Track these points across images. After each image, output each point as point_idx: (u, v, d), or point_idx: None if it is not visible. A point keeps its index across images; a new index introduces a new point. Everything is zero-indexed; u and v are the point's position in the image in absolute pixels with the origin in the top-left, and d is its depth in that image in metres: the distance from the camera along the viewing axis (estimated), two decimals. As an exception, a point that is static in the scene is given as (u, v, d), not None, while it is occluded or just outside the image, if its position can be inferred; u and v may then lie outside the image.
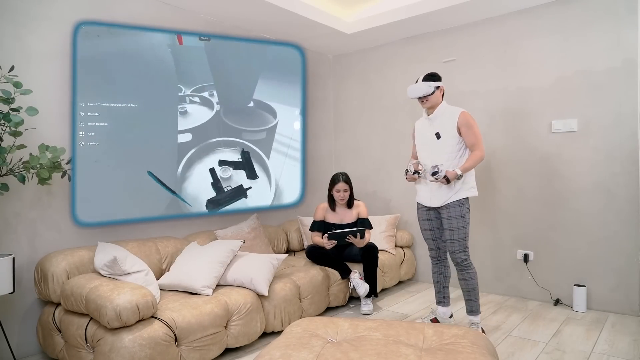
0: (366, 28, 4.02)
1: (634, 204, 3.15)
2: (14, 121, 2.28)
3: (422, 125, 2.94)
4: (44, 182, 2.39)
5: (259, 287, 2.73)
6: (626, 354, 2.55)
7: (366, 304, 3.33)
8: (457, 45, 3.96)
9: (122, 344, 2.06)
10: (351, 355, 1.61)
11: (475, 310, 2.81)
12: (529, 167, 3.59)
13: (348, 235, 3.31)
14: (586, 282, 3.36)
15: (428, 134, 2.87)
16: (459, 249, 2.76)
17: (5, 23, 2.54)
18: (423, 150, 2.91)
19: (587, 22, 3.30)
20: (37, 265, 2.54)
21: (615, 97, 3.21)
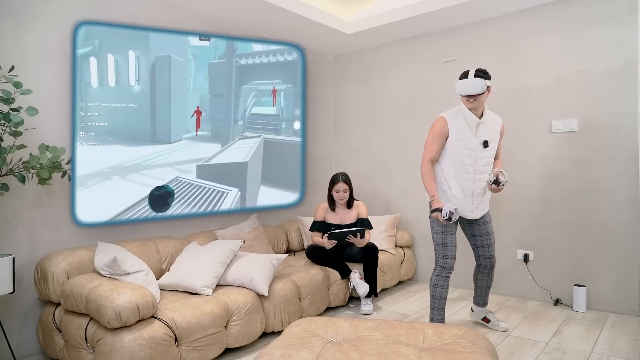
0: (366, 28, 4.02)
1: (634, 204, 3.15)
2: (14, 121, 2.28)
3: (460, 127, 2.59)
4: (44, 182, 2.39)
5: (259, 287, 2.73)
6: (626, 354, 2.55)
7: (366, 304, 3.33)
8: (457, 45, 3.96)
9: (122, 344, 2.06)
10: (351, 355, 1.61)
11: (487, 301, 3.03)
12: (529, 167, 3.59)
13: (348, 235, 3.31)
14: (586, 282, 3.36)
15: (471, 137, 2.58)
16: (493, 252, 2.79)
17: (5, 23, 2.54)
18: (464, 155, 2.60)
19: (587, 22, 3.30)
20: (37, 265, 2.54)
21: (615, 97, 3.21)
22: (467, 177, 2.62)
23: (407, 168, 4.31)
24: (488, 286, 2.90)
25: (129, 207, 3.07)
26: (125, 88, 3.07)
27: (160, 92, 3.27)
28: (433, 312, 2.65)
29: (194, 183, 3.43)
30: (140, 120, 3.16)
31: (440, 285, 2.62)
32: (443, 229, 2.64)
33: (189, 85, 3.46)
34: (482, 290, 2.91)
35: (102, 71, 2.95)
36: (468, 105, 2.56)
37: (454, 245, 2.64)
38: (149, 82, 3.20)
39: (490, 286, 2.91)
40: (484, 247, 2.78)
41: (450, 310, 3.37)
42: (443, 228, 2.64)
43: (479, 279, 2.88)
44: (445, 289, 2.63)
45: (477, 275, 2.89)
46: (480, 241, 2.78)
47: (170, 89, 3.33)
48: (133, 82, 3.11)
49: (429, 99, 4.15)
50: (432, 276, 2.67)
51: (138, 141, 3.15)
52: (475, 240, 2.79)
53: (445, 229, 2.64)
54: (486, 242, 2.77)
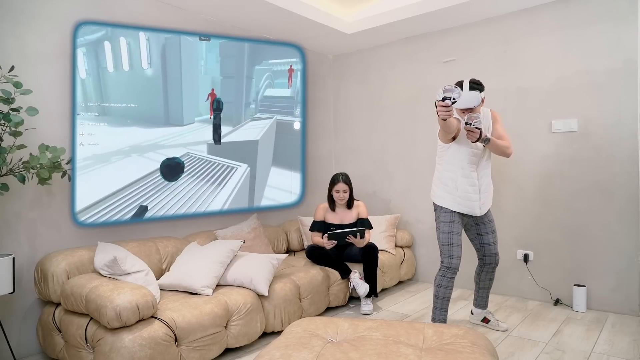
0: (366, 28, 4.02)
1: (634, 204, 3.15)
2: (14, 121, 2.28)
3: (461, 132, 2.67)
4: (44, 182, 2.39)
5: (259, 287, 2.73)
6: (626, 354, 2.55)
7: (366, 304, 3.33)
8: (457, 45, 3.96)
9: (122, 344, 2.06)
10: (351, 355, 1.61)
11: (488, 303, 3.10)
12: (529, 167, 3.59)
13: (348, 235, 3.31)
14: (586, 282, 3.36)
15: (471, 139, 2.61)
16: (498, 250, 2.81)
17: (5, 23, 2.54)
18: (469, 154, 2.64)
19: (587, 22, 3.30)
20: (37, 265, 2.54)
21: (615, 97, 3.21)
22: (473, 174, 2.65)
23: (407, 168, 4.32)
24: (490, 286, 2.94)
25: (143, 177, 3.13)
26: (138, 71, 3.12)
27: (172, 75, 3.32)
28: (435, 312, 2.66)
29: (203, 158, 3.47)
30: (154, 104, 3.21)
31: (444, 285, 2.62)
32: (449, 229, 2.64)
33: (200, 68, 3.51)
34: (484, 290, 2.94)
35: (116, 55, 3.00)
36: (463, 116, 2.62)
37: (459, 246, 2.63)
38: (160, 65, 3.25)
39: (491, 286, 2.96)
40: (489, 246, 2.80)
41: (450, 310, 3.37)
42: (449, 228, 2.64)
43: (482, 278, 2.90)
44: (449, 289, 2.63)
45: (480, 275, 2.90)
46: (487, 240, 2.80)
47: (181, 71, 3.37)
48: (145, 66, 3.15)
49: (429, 99, 4.15)
50: (436, 276, 2.67)
51: (152, 123, 3.21)
52: (482, 240, 2.81)
53: (451, 229, 2.64)
54: (492, 241, 2.80)
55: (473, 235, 2.85)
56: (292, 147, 4.24)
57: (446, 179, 2.69)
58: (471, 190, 2.65)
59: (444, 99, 2.23)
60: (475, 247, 2.86)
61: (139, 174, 3.12)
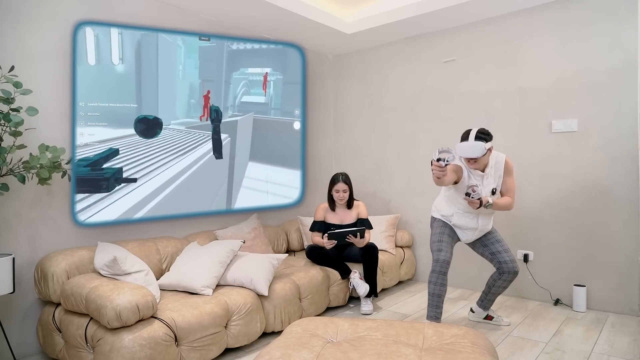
0: (366, 28, 4.02)
1: (634, 204, 3.15)
2: (14, 121, 2.28)
3: (469, 172, 2.69)
4: (44, 182, 2.39)
5: (259, 287, 2.73)
6: (626, 354, 2.55)
7: (366, 304, 3.33)
8: (457, 45, 3.96)
9: (122, 344, 2.06)
10: (351, 355, 1.61)
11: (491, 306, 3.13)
12: (529, 167, 3.59)
13: (348, 235, 3.31)
14: (586, 282, 3.36)
15: (479, 184, 2.68)
16: (513, 257, 2.79)
17: (5, 23, 2.54)
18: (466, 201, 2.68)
19: (587, 22, 3.30)
20: (37, 265, 2.54)
21: (615, 97, 3.21)
22: (474, 212, 2.74)
23: (406, 168, 4.32)
24: (501, 293, 2.94)
25: (123, 136, 3.03)
26: (108, 66, 2.99)
27: (147, 74, 3.20)
28: (428, 309, 2.72)
29: (182, 129, 3.43)
30: (125, 104, 3.09)
31: (433, 282, 2.66)
32: (441, 231, 2.79)
33: (178, 72, 3.42)
34: (494, 295, 2.93)
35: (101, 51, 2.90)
36: (469, 165, 2.64)
37: (449, 244, 2.74)
38: (134, 61, 3.12)
39: (502, 293, 2.97)
40: (501, 253, 2.79)
41: (450, 310, 3.37)
42: (441, 230, 2.80)
43: (497, 285, 2.86)
44: (438, 285, 2.65)
45: (496, 281, 2.86)
46: (495, 248, 2.81)
47: (157, 71, 3.25)
48: (116, 61, 3.04)
49: (429, 99, 4.15)
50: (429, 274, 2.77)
51: (126, 125, 3.09)
52: (490, 249, 2.83)
53: (443, 231, 2.79)
54: (501, 248, 2.80)
55: (480, 249, 2.88)
56: (292, 147, 4.25)
57: (446, 208, 2.83)
58: (471, 225, 2.76)
59: (439, 159, 2.31)
60: (488, 258, 2.87)
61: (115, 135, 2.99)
